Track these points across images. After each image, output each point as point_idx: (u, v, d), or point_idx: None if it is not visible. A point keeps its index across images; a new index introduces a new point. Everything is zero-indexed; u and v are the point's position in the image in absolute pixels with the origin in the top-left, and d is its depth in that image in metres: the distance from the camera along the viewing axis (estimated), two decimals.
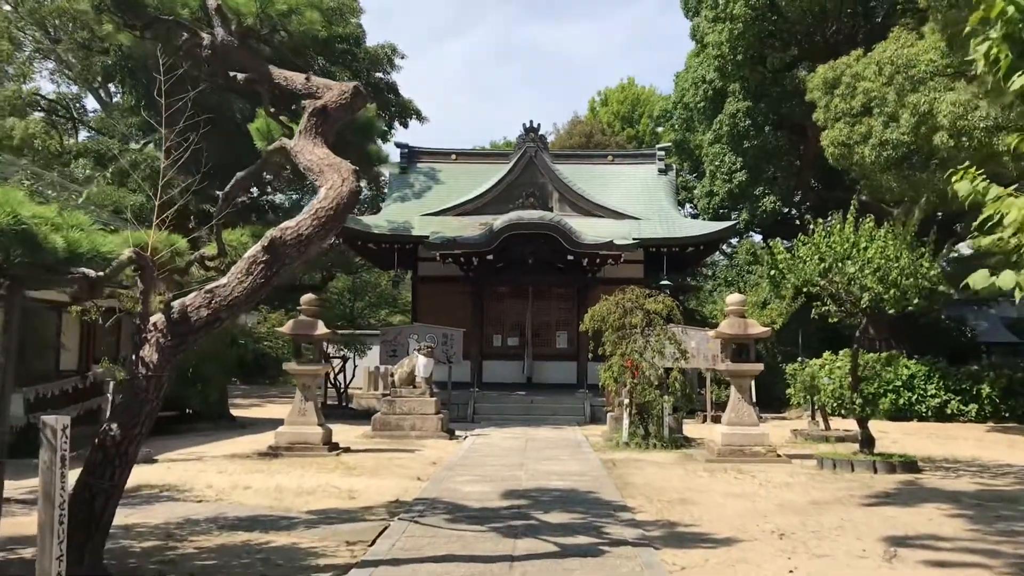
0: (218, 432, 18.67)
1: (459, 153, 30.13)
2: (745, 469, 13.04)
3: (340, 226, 6.97)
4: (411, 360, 18.41)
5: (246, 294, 6.60)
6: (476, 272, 24.87)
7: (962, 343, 30.60)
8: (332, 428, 19.23)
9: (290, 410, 15.14)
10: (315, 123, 7.22)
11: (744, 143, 26.51)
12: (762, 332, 14.79)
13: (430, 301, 27.07)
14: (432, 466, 13.30)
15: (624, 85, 49.77)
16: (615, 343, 17.14)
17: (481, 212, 26.63)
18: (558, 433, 19.08)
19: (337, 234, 28.43)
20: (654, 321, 16.86)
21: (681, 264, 27.70)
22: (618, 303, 17.28)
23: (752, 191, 27.18)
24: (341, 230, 26.49)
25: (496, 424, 21.12)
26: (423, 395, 18.03)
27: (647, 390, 16.44)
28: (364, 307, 57.13)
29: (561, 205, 26.78)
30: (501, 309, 27.31)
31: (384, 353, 22.91)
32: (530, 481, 11.61)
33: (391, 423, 17.79)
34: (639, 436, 16.63)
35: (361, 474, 12.28)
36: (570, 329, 26.95)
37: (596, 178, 28.65)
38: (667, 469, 13.19)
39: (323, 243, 6.80)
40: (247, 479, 11.59)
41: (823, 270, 12.29)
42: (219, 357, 19.69)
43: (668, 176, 28.96)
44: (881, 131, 17.94)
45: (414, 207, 27.58)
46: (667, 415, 16.74)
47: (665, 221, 26.53)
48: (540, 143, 27.63)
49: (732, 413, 14.69)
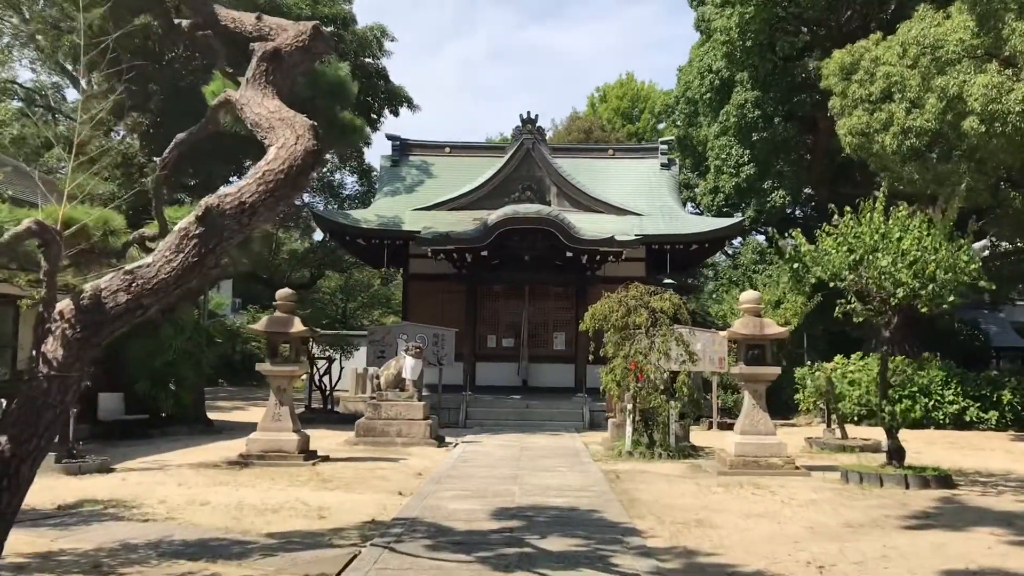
0: (191, 437, 17.39)
1: (453, 146, 28.87)
2: (763, 483, 11.79)
3: (295, 193, 5.69)
4: (398, 361, 17.15)
5: (175, 276, 5.33)
6: (470, 269, 23.63)
7: (975, 347, 29.40)
8: (314, 434, 17.97)
9: (263, 415, 13.88)
10: (266, 69, 5.96)
11: (752, 135, 25.25)
12: (779, 332, 13.56)
13: (421, 300, 25.84)
14: (417, 478, 12.04)
15: (623, 81, 48.49)
16: (617, 344, 15.89)
17: (476, 207, 25.37)
18: (555, 440, 17.83)
19: (324, 229, 27.28)
20: (660, 320, 15.60)
21: (685, 263, 26.48)
22: (621, 301, 16.03)
23: (760, 185, 25.91)
24: (328, 225, 25.38)
25: (489, 430, 19.86)
26: (410, 399, 16.77)
27: (652, 395, 15.18)
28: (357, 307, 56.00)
29: (559, 200, 25.54)
30: (496, 308, 26.05)
31: (372, 354, 21.64)
32: (525, 497, 10.35)
33: (376, 429, 16.53)
34: (643, 444, 15.40)
35: (336, 487, 11.01)
36: (568, 330, 25.71)
37: (596, 172, 27.42)
38: (677, 483, 11.94)
39: (272, 214, 5.53)
40: (207, 493, 10.32)
41: (853, 263, 11.04)
42: (194, 357, 18.41)
43: (671, 171, 27.72)
44: (903, 118, 16.73)
45: (405, 201, 26.32)
46: (673, 422, 15.50)
47: (668, 217, 25.30)
48: (538, 135, 26.39)
49: (746, 421, 13.45)
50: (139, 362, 17.61)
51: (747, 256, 27.40)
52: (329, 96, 11.76)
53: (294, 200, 5.23)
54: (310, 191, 32.89)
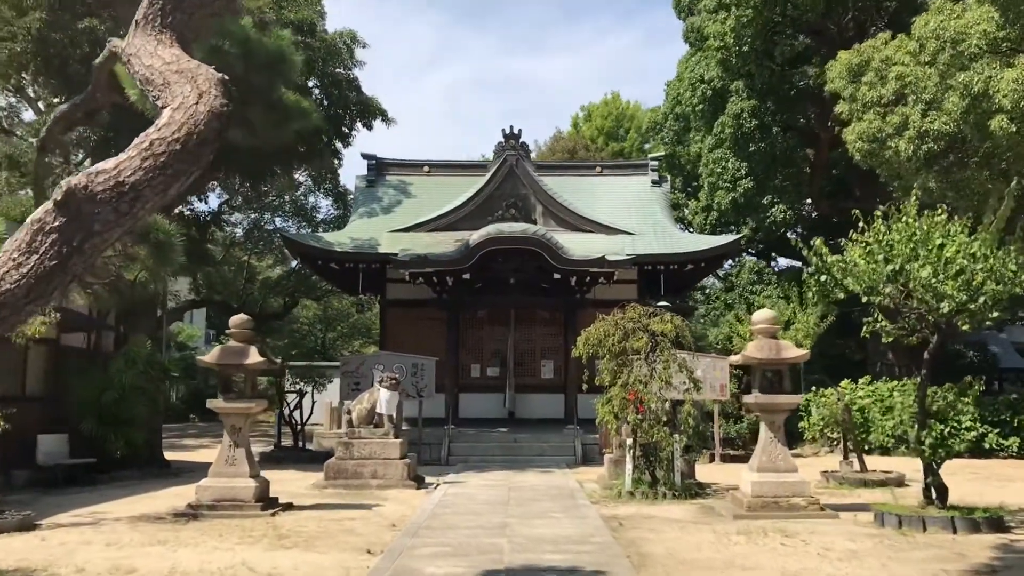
0: (142, 482, 15.69)
1: (432, 165, 27.41)
2: (789, 529, 10.25)
3: (195, 169, 4.15)
4: (372, 394, 15.54)
5: (27, 287, 3.78)
6: (451, 294, 22.08)
7: (983, 370, 28.02)
8: (280, 476, 16.37)
9: (216, 458, 12.22)
10: (161, 8, 4.43)
11: (750, 146, 23.92)
12: (799, 355, 12.10)
13: (400, 327, 24.24)
14: (390, 530, 10.42)
15: (608, 100, 47.22)
16: (614, 371, 14.38)
17: (456, 228, 23.87)
18: (546, 479, 16.23)
19: (294, 253, 25.68)
20: (661, 345, 14.10)
21: (678, 285, 25.03)
22: (617, 324, 14.53)
23: (759, 200, 24.54)
24: (299, 248, 23.78)
25: (474, 467, 18.24)
26: (386, 436, 15.15)
27: (655, 427, 13.65)
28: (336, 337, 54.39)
29: (545, 219, 24.09)
30: (479, 335, 24.51)
31: (345, 386, 19.99)
32: (516, 554, 8.75)
33: (348, 470, 14.88)
34: (645, 483, 13.84)
35: (294, 546, 9.37)
36: (557, 357, 24.18)
37: (583, 191, 26.00)
38: (690, 531, 10.36)
39: (162, 198, 4.00)
40: (137, 556, 8.66)
41: (891, 273, 9.58)
42: (147, 392, 16.73)
43: (662, 188, 26.34)
44: (919, 121, 15.43)
45: (382, 223, 24.78)
46: (678, 457, 13.96)
47: (661, 236, 23.88)
48: (522, 151, 24.98)
49: (763, 456, 11.92)
50: (85, 399, 15.93)
51: (744, 277, 25.97)
52: (266, 71, 10.18)
53: (192, 174, 3.93)
54: (281, 215, 31.25)
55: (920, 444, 10.69)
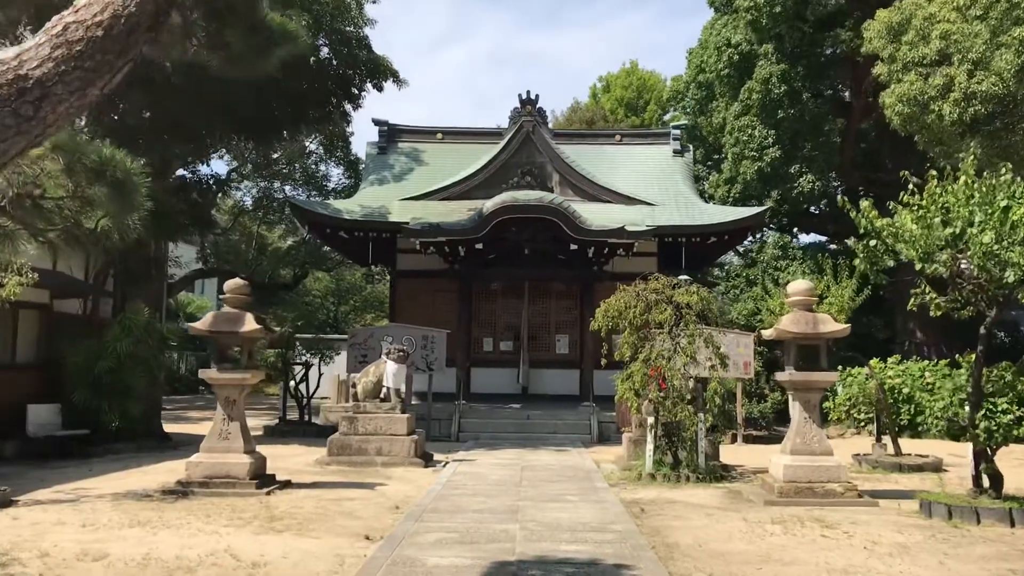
0: (137, 456, 14.96)
1: (446, 132, 26.44)
2: (827, 519, 9.37)
3: (122, 64, 3.25)
4: (378, 367, 14.71)
5: None
6: (463, 265, 21.20)
7: (1016, 351, 26.97)
8: (283, 451, 15.68)
9: (208, 432, 11.43)
10: None
11: (778, 113, 22.78)
12: (838, 330, 11.14)
13: (410, 299, 23.44)
14: (393, 513, 9.61)
15: (628, 70, 45.85)
16: (635, 346, 13.49)
17: (469, 196, 22.97)
18: (561, 458, 15.40)
19: (302, 221, 24.85)
20: (686, 318, 13.19)
21: (700, 258, 24.03)
22: (639, 295, 13.62)
23: (786, 170, 23.44)
24: (307, 216, 22.93)
25: (485, 445, 17.44)
26: (392, 411, 14.33)
27: (678, 406, 12.76)
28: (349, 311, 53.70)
29: (563, 188, 23.12)
30: (492, 308, 23.65)
31: (353, 358, 19.19)
32: (529, 543, 7.91)
33: (352, 446, 14.10)
34: (667, 465, 12.98)
35: (286, 529, 8.56)
36: (572, 331, 23.32)
37: (603, 160, 25.01)
38: (719, 519, 9.50)
39: (81, 100, 3.11)
40: (112, 540, 7.87)
41: (950, 238, 8.61)
42: (144, 363, 15.96)
43: (685, 158, 25.30)
44: (965, 82, 14.35)
45: (393, 191, 23.90)
46: (702, 438, 13.08)
47: (683, 207, 22.90)
48: (538, 118, 23.97)
49: (797, 438, 11.03)
50: (78, 368, 15.18)
51: (768, 252, 24.94)
52: None
53: (119, 70, 3.26)
54: (292, 183, 30.38)
55: (974, 428, 9.76)
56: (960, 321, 18.69)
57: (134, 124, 15.76)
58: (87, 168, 5.01)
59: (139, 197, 5.22)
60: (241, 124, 17.52)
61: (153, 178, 16.78)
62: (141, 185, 5.29)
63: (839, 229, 27.71)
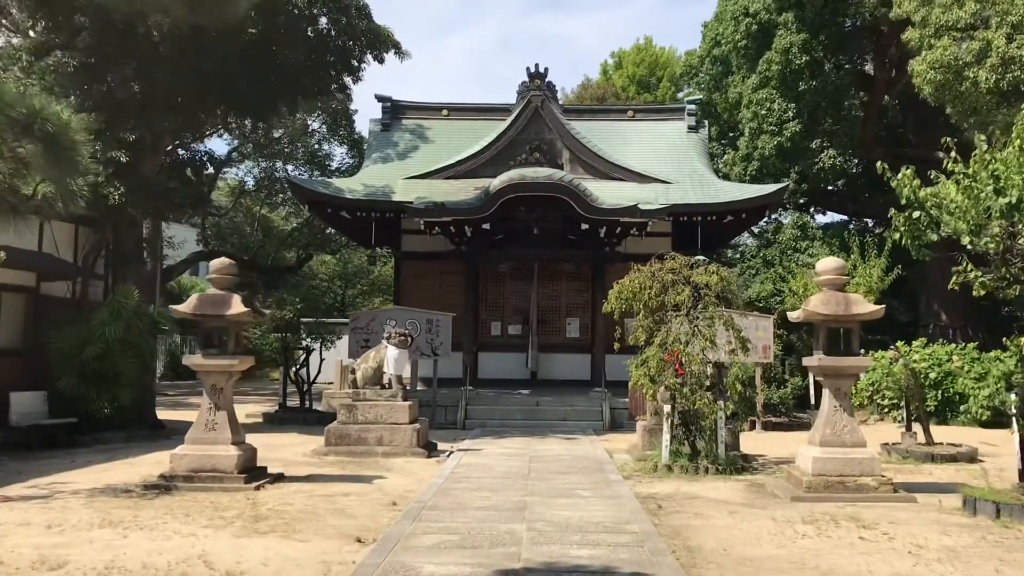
0: (127, 446, 14.28)
1: (452, 108, 25.56)
2: (864, 517, 8.57)
3: None
4: (378, 352, 13.95)
5: None
6: (470, 246, 20.40)
7: None
8: (280, 440, 15.03)
9: (194, 422, 10.69)
10: None
11: (799, 85, 21.77)
12: (871, 311, 10.29)
13: (415, 282, 22.70)
14: (390, 511, 8.86)
15: (641, 46, 44.68)
16: (650, 329, 12.69)
17: (476, 175, 22.15)
18: (571, 447, 14.63)
19: (303, 200, 23.99)
20: (705, 300, 12.37)
21: (716, 238, 23.20)
22: (655, 275, 12.80)
23: (807, 145, 22.47)
24: (307, 195, 22.10)
25: (492, 432, 16.70)
26: (393, 398, 13.58)
27: (697, 392, 11.96)
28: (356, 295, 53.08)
29: (573, 166, 22.25)
30: (500, 291, 22.87)
31: (354, 343, 18.49)
32: (536, 546, 7.14)
33: (350, 436, 13.36)
34: (684, 456, 12.18)
35: (270, 531, 7.81)
36: (583, 315, 22.54)
37: (615, 136, 24.11)
38: (744, 517, 8.70)
39: None
40: (76, 544, 7.14)
41: (1006, 208, 7.74)
42: (134, 347, 15.24)
43: (700, 134, 24.39)
44: (1003, 46, 13.43)
45: (397, 169, 23.09)
46: (722, 427, 12.27)
47: (699, 185, 22.02)
48: (548, 92, 23.08)
49: (827, 428, 10.21)
50: (64, 354, 14.47)
51: (786, 232, 24.02)
52: None
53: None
54: (294, 163, 29.55)
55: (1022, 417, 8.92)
56: (986, 303, 17.90)
57: (123, 98, 14.97)
58: (13, 122, 4.23)
59: (79, 156, 4.42)
60: (235, 98, 16.71)
61: (145, 154, 16.13)
62: (80, 143, 4.49)
63: (860, 208, 26.77)
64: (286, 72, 16.70)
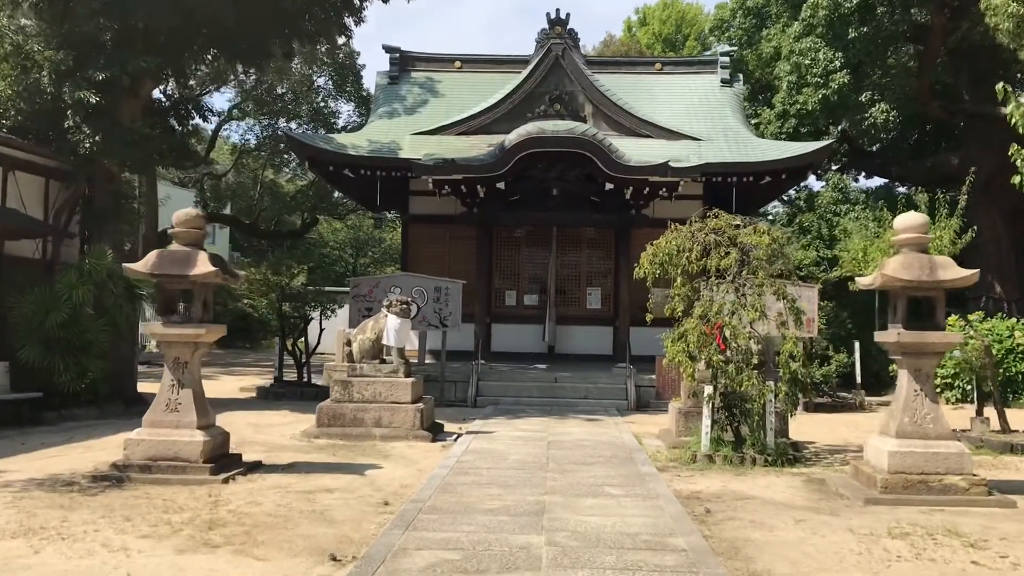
0: (95, 424, 12.78)
1: (465, 60, 23.71)
2: (965, 530, 6.91)
3: None
4: (377, 322, 12.33)
5: None
6: (482, 208, 18.70)
7: None
8: (270, 419, 13.58)
9: (154, 402, 9.11)
10: None
11: (848, 31, 19.70)
12: (962, 276, 8.56)
13: (424, 247, 21.07)
14: (379, 512, 7.26)
15: (667, 2, 42.46)
16: (688, 298, 11.01)
17: (490, 131, 20.40)
18: (595, 430, 12.99)
19: (302, 156, 22.27)
20: (756, 265, 10.65)
21: (751, 202, 21.35)
22: (694, 236, 11.08)
23: (855, 98, 20.50)
24: (306, 151, 20.31)
25: (505, 412, 15.09)
26: (394, 374, 11.97)
27: (744, 372, 10.28)
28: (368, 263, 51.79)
29: (596, 121, 20.44)
30: (515, 257, 21.17)
31: (356, 312, 16.91)
32: (559, 570, 5.51)
33: (345, 416, 11.78)
34: (727, 444, 10.52)
35: (224, 543, 6.21)
36: (606, 284, 20.86)
37: (641, 90, 22.25)
38: (814, 527, 7.03)
39: None
40: None
41: None
42: (108, 313, 13.70)
43: (734, 89, 22.49)
44: None
45: (405, 125, 21.35)
46: (771, 411, 10.59)
47: (733, 142, 20.18)
48: (569, 40, 21.22)
49: (905, 417, 8.51)
50: (27, 321, 12.93)
51: (826, 195, 22.15)
52: None
53: None
54: (298, 120, 27.80)
55: None
56: None
57: (90, 31, 13.28)
58: None
59: None
60: (223, 39, 15.01)
61: (121, 99, 14.42)
62: None
63: (904, 172, 24.80)
64: (280, 10, 14.97)
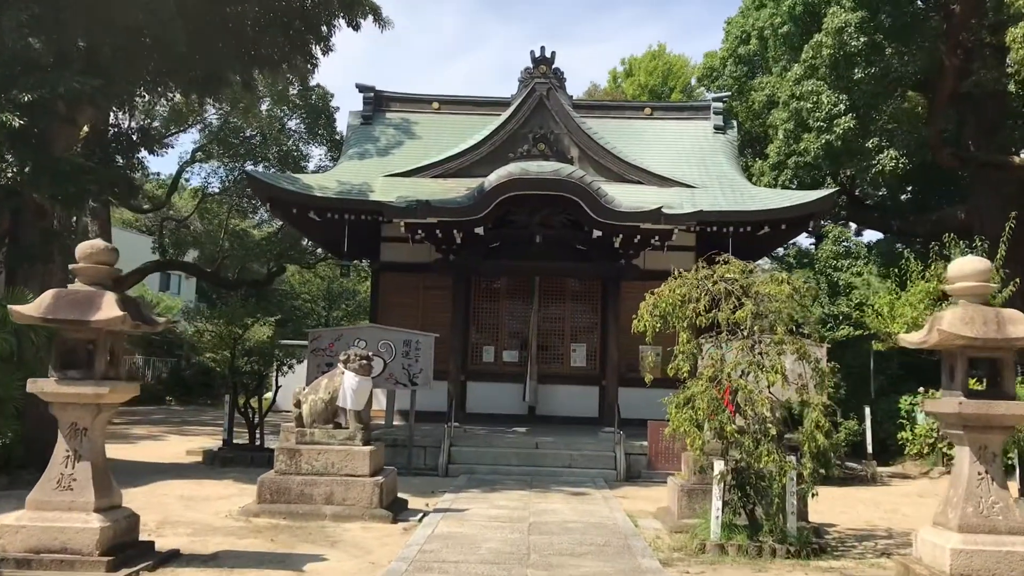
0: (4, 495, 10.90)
1: (443, 100, 22.37)
2: None
3: None
4: (332, 381, 10.66)
5: None
6: (459, 255, 17.18)
7: None
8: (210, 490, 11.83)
9: (43, 477, 7.36)
10: None
11: (854, 72, 18.47)
12: None
13: (395, 297, 19.45)
14: None
15: (654, 52, 41.41)
16: (694, 356, 9.48)
17: (469, 173, 18.97)
18: (582, 508, 11.30)
19: (263, 197, 20.70)
20: (775, 318, 9.15)
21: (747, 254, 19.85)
22: (701, 284, 9.60)
23: (861, 144, 19.23)
24: (267, 191, 18.68)
25: (481, 483, 13.37)
26: (350, 441, 10.29)
27: (763, 445, 8.69)
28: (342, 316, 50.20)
29: (583, 165, 19.04)
30: (494, 309, 19.57)
31: (314, 368, 15.19)
32: None
33: (291, 491, 10.05)
34: (741, 530, 8.90)
35: None
36: (592, 340, 19.31)
37: (630, 135, 20.97)
38: None
39: None
40: None
41: None
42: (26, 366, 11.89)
43: (728, 136, 21.25)
44: None
45: (377, 166, 19.89)
46: (793, 491, 8.98)
47: (729, 190, 18.85)
48: (555, 79, 19.95)
49: (968, 506, 6.96)
50: None
51: (826, 248, 20.83)
52: None
53: None
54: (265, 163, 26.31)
55: None
56: None
57: (19, 49, 11.78)
58: None
59: None
60: (174, 63, 13.56)
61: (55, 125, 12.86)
62: None
63: (906, 226, 23.53)
64: (234, 32, 13.59)
